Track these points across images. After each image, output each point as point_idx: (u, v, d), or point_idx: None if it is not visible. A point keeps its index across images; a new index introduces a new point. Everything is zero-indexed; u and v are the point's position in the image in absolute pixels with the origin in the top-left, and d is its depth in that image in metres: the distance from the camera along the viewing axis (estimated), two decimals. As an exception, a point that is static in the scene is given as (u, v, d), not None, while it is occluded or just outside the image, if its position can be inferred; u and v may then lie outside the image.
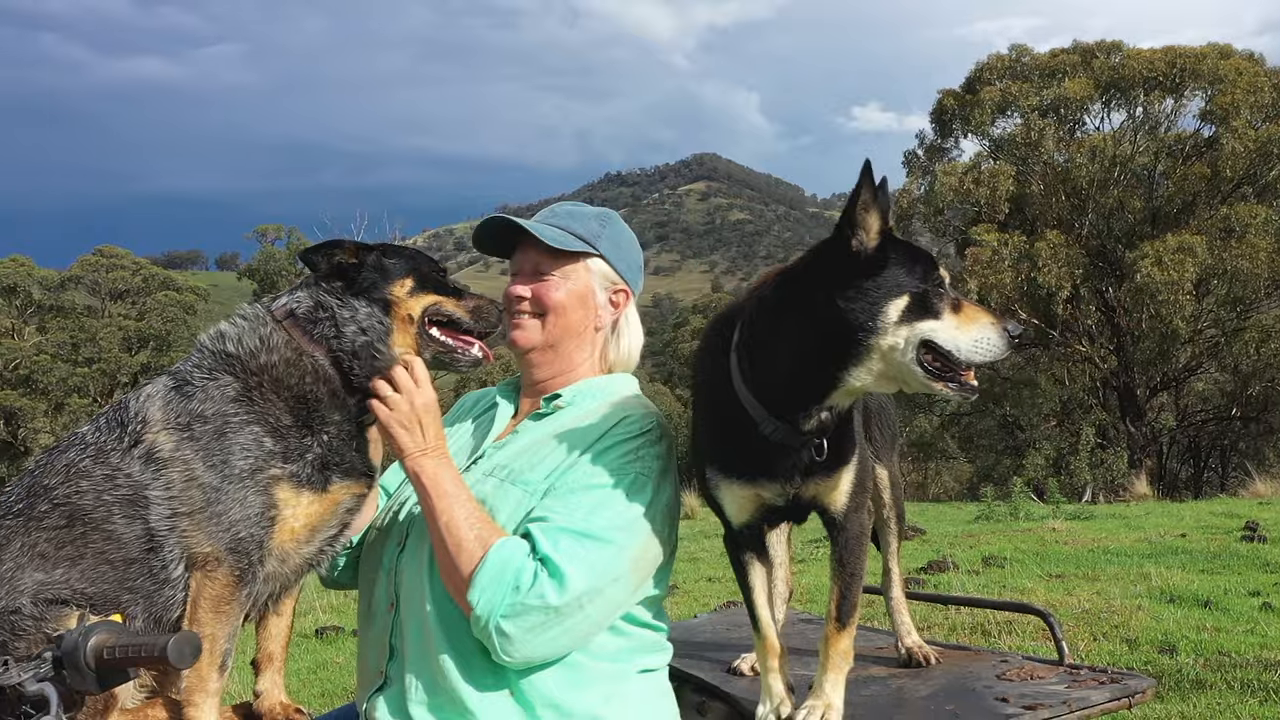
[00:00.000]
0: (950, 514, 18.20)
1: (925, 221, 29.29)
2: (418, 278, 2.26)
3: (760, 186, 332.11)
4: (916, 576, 9.99)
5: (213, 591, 1.99)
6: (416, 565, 2.24)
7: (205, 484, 1.99)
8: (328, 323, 2.17)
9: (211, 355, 2.14)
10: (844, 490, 2.25)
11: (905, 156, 30.98)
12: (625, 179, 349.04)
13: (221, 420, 2.04)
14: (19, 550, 1.95)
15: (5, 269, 46.68)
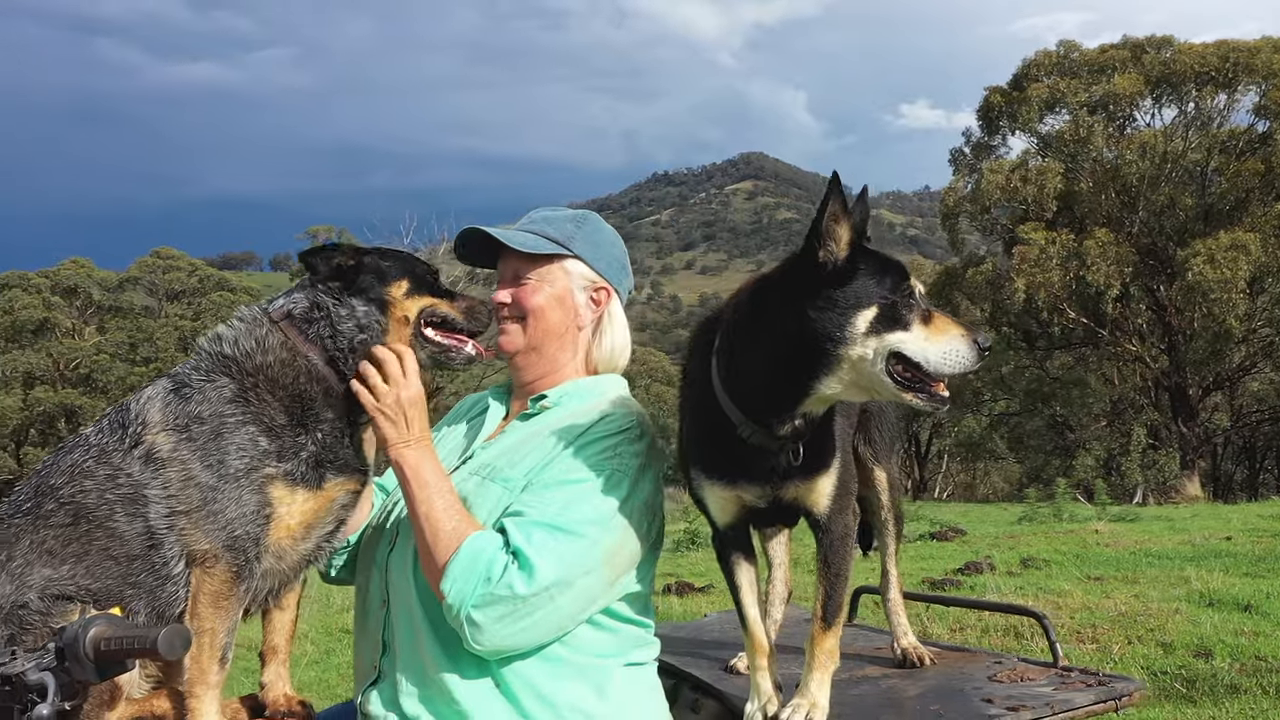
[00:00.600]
0: (994, 515, 18.05)
1: (972, 220, 29.05)
2: (413, 279, 2.32)
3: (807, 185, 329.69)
4: (953, 578, 9.95)
5: (211, 587, 2.06)
6: (403, 561, 2.31)
7: (202, 483, 2.06)
8: (323, 322, 2.23)
9: (209, 357, 2.20)
10: (825, 493, 2.27)
11: (952, 154, 30.74)
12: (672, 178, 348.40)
13: (218, 421, 2.10)
14: (27, 547, 2.03)
15: (66, 271, 47.79)
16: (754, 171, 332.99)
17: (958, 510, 20.76)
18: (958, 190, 29.31)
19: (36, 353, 44.68)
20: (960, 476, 40.91)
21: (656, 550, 2.44)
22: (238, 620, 2.14)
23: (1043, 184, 25.72)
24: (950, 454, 40.12)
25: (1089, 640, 7.37)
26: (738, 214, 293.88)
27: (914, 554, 12.37)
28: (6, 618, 1.97)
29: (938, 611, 8.22)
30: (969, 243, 31.74)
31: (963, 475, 40.78)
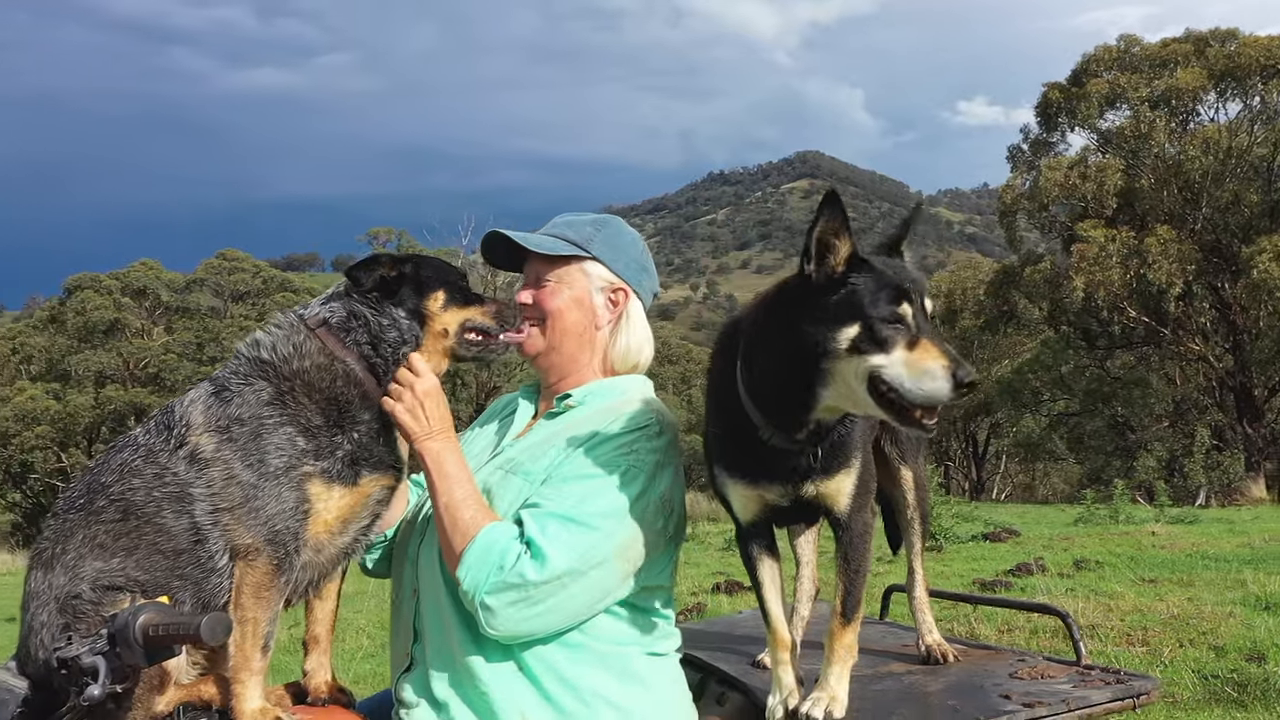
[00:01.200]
0: (1050, 516, 17.83)
1: (1030, 218, 28.66)
2: (448, 290, 2.43)
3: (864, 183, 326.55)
4: (1003, 579, 9.90)
5: (253, 579, 2.17)
6: (432, 553, 2.41)
7: (243, 482, 2.17)
8: (361, 330, 2.34)
9: (247, 362, 2.31)
10: (845, 493, 2.32)
11: (1010, 151, 30.33)
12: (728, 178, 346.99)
13: (257, 423, 2.21)
14: (81, 541, 2.16)
15: (136, 272, 48.93)
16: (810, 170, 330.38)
17: (1014, 511, 20.51)
18: (1015, 188, 28.93)
19: (107, 352, 45.78)
20: (1019, 477, 40.33)
21: (676, 544, 2.52)
22: (279, 610, 2.25)
23: (1102, 181, 25.30)
24: (1008, 454, 39.60)
25: (1139, 643, 7.31)
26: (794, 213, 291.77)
27: (966, 555, 12.30)
28: (62, 607, 2.10)
29: (986, 613, 8.20)
30: (1027, 241, 31.33)
31: (1021, 476, 40.19)
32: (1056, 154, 28.83)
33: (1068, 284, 25.80)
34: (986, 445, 40.13)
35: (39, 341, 47.60)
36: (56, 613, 2.11)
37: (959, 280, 38.97)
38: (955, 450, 41.43)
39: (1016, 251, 31.33)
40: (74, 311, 46.80)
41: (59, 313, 48.36)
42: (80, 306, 46.58)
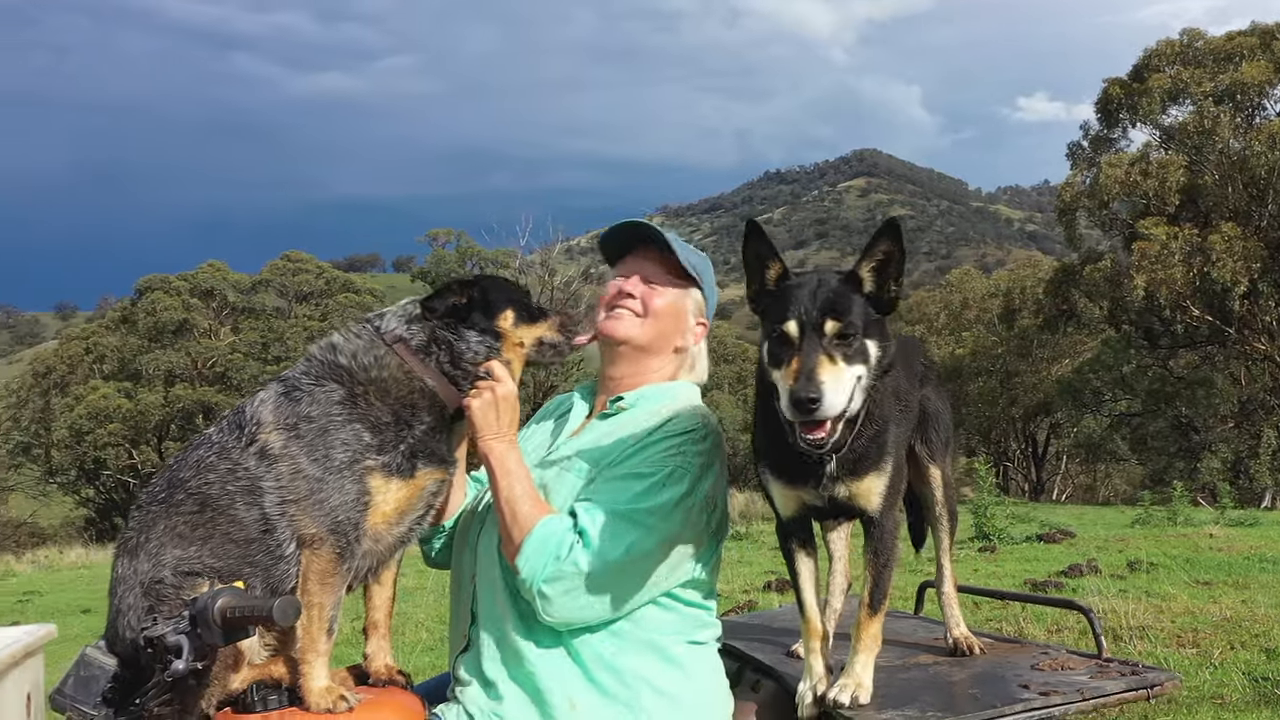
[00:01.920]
0: (1109, 518, 17.64)
1: (1090, 215, 28.26)
2: (516, 309, 2.64)
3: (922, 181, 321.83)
4: (1055, 579, 9.89)
5: (319, 567, 2.35)
6: (490, 542, 2.60)
7: (309, 476, 2.35)
8: (444, 351, 2.55)
9: (320, 364, 2.49)
10: (877, 492, 2.45)
11: (1069, 148, 29.96)
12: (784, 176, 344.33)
13: (325, 419, 2.39)
14: (162, 531, 2.34)
15: (204, 274, 50.05)
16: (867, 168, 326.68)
17: (1072, 512, 20.31)
18: (1074, 185, 28.57)
19: (176, 352, 46.86)
20: (1080, 478, 39.76)
21: (718, 540, 2.68)
22: (342, 596, 2.42)
23: (1164, 177, 24.93)
24: (1069, 455, 39.07)
25: (1189, 644, 7.29)
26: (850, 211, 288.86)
27: (1019, 555, 12.27)
28: (146, 590, 2.28)
29: (1036, 613, 8.23)
30: (1087, 239, 30.91)
31: (1082, 477, 39.64)
32: (1117, 150, 28.43)
33: (1129, 282, 25.45)
34: (1046, 446, 39.63)
35: (111, 341, 48.83)
36: (141, 596, 2.29)
37: (1018, 279, 38.56)
38: (1014, 451, 40.96)
39: (1076, 250, 30.93)
40: (145, 312, 47.96)
41: (130, 313, 49.59)
42: (151, 307, 47.72)
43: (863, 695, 2.50)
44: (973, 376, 39.15)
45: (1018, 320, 36.21)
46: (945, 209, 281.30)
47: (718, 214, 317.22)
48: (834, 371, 2.16)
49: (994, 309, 39.42)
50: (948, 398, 3.27)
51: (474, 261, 56.95)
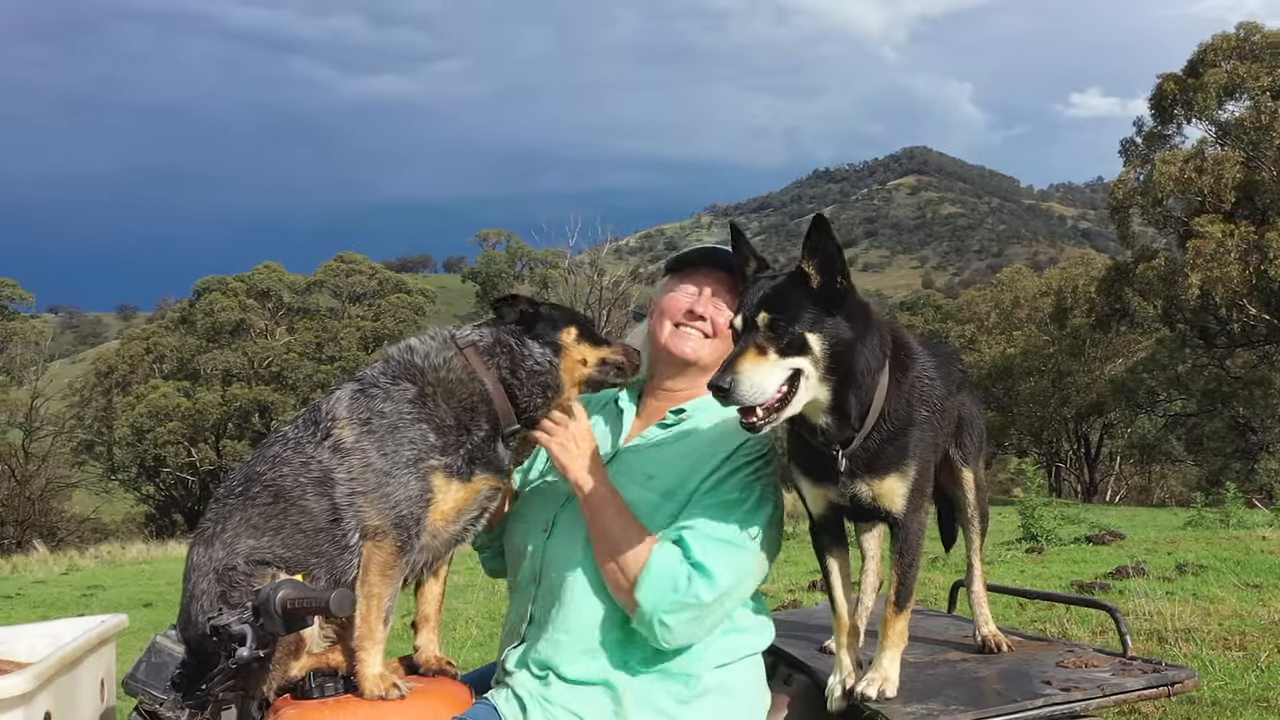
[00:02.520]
0: (1161, 520, 17.44)
1: (1143, 213, 27.84)
2: (579, 327, 2.76)
3: (973, 179, 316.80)
4: (1102, 581, 9.83)
5: (380, 558, 2.48)
6: (564, 548, 2.69)
7: (378, 469, 2.49)
8: (504, 356, 2.67)
9: (398, 364, 2.64)
10: (899, 493, 2.52)
11: (1122, 145, 29.57)
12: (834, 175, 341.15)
13: (397, 417, 2.54)
14: (237, 522, 2.49)
15: (260, 275, 50.92)
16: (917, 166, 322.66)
17: (1124, 514, 20.10)
18: (1127, 182, 28.20)
19: (233, 352, 47.76)
20: (1134, 479, 39.18)
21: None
22: (399, 587, 2.55)
23: (1220, 174, 24.53)
24: (1123, 456, 38.51)
25: (1236, 647, 7.24)
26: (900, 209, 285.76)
27: (1066, 557, 12.20)
28: (219, 577, 2.43)
29: (1080, 615, 8.21)
30: (1141, 237, 30.46)
31: (1137, 478, 39.05)
32: (1171, 147, 28.02)
33: (1183, 281, 25.06)
34: (1099, 446, 39.07)
35: (170, 341, 49.86)
36: (215, 582, 2.44)
37: (1069, 277, 38.04)
38: (1066, 451, 40.43)
39: (1130, 247, 30.48)
40: (203, 313, 48.92)
41: (189, 314, 50.62)
42: (209, 308, 48.65)
43: (889, 689, 2.57)
44: (1024, 376, 38.73)
45: (1070, 319, 35.72)
46: (996, 206, 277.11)
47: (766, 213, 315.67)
48: (759, 363, 2.26)
49: (1045, 308, 38.90)
50: (980, 403, 3.33)
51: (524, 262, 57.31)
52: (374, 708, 2.43)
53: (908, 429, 2.52)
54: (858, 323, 2.37)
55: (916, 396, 2.53)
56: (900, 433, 2.51)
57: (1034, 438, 40.55)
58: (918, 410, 2.54)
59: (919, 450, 2.57)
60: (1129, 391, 31.27)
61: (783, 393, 2.29)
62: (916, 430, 2.55)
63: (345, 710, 2.43)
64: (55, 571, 24.20)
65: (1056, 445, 40.89)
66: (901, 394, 2.49)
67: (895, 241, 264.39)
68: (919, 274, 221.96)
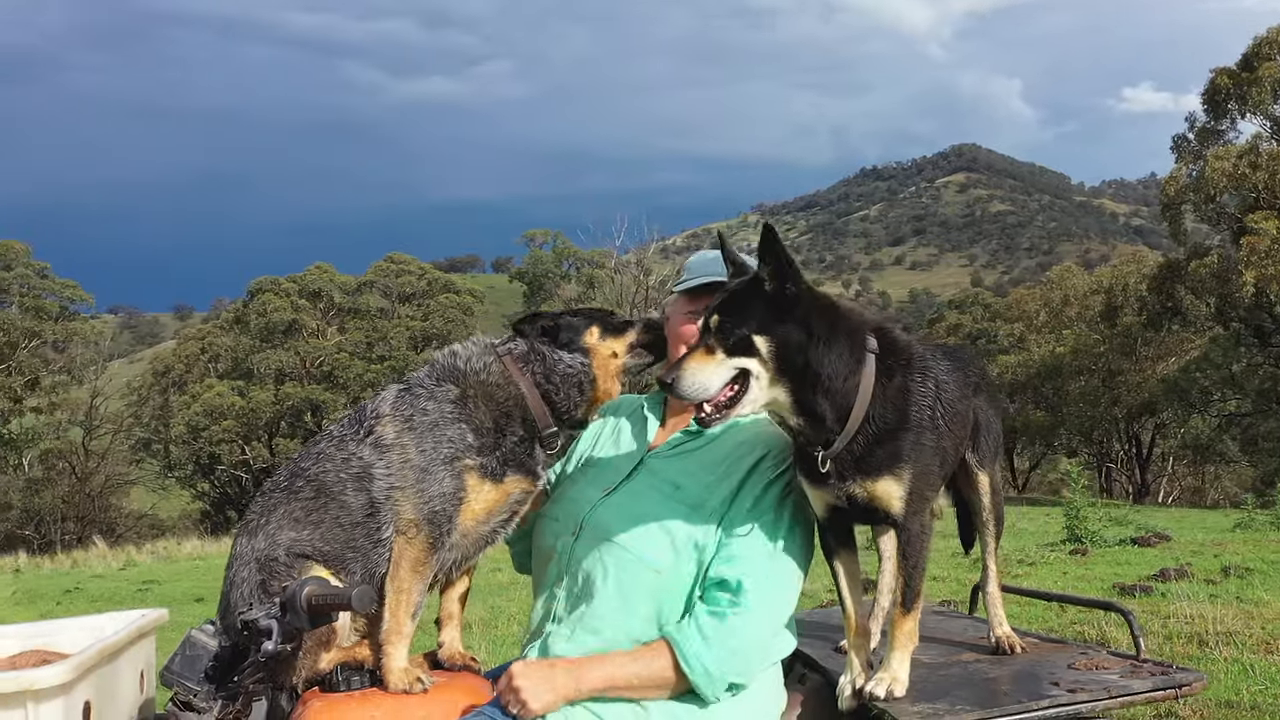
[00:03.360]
0: (1211, 521, 17.16)
1: (1195, 210, 27.35)
2: (601, 325, 2.86)
3: (1023, 176, 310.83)
4: (1145, 584, 9.75)
5: (411, 554, 2.57)
6: (596, 554, 2.72)
7: (416, 465, 2.58)
8: (539, 364, 2.77)
9: (442, 368, 2.75)
10: (896, 496, 2.55)
11: (1174, 141, 29.04)
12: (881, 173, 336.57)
13: (439, 415, 2.64)
14: (281, 515, 2.60)
15: (312, 276, 51.60)
16: (966, 163, 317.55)
17: (1174, 515, 19.79)
18: (1179, 179, 27.70)
19: (286, 351, 48.45)
20: (1187, 480, 38.49)
21: None
22: (428, 585, 2.63)
23: (1275, 170, 24.02)
24: (1175, 456, 37.84)
25: (1278, 652, 7.17)
26: (949, 207, 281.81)
27: (1110, 559, 12.09)
28: (260, 566, 2.54)
29: (1117, 619, 8.15)
30: (1193, 233, 29.92)
31: (1190, 479, 38.35)
32: (1225, 143, 27.49)
33: (1237, 278, 24.55)
34: (1151, 447, 38.40)
35: (225, 341, 50.71)
36: (255, 571, 2.55)
37: (1120, 275, 37.40)
38: (1118, 452, 39.80)
39: (1181, 245, 29.95)
40: (256, 313, 49.67)
41: (243, 314, 51.42)
42: (262, 308, 49.38)
43: (897, 689, 2.61)
44: (1074, 375, 38.15)
45: (1120, 318, 35.15)
46: (1047, 204, 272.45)
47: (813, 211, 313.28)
48: (705, 362, 2.38)
49: (1095, 306, 38.27)
50: (999, 408, 3.35)
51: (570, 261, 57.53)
52: (396, 700, 2.51)
53: (899, 432, 2.55)
54: (818, 325, 2.42)
55: (913, 400, 2.56)
56: (891, 436, 2.54)
57: (1084, 438, 39.93)
58: (913, 413, 2.56)
59: (915, 454, 2.59)
60: (1181, 391, 30.72)
61: (733, 391, 2.40)
62: (911, 434, 2.57)
63: (369, 703, 2.51)
64: (113, 566, 24.80)
65: (1107, 445, 40.23)
66: (889, 397, 2.52)
67: (944, 239, 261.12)
68: (968, 272, 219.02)
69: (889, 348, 2.57)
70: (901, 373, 2.56)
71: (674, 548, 2.68)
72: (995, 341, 44.70)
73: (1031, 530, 16.25)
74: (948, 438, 2.74)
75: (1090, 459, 40.27)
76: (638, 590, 2.67)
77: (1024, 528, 16.47)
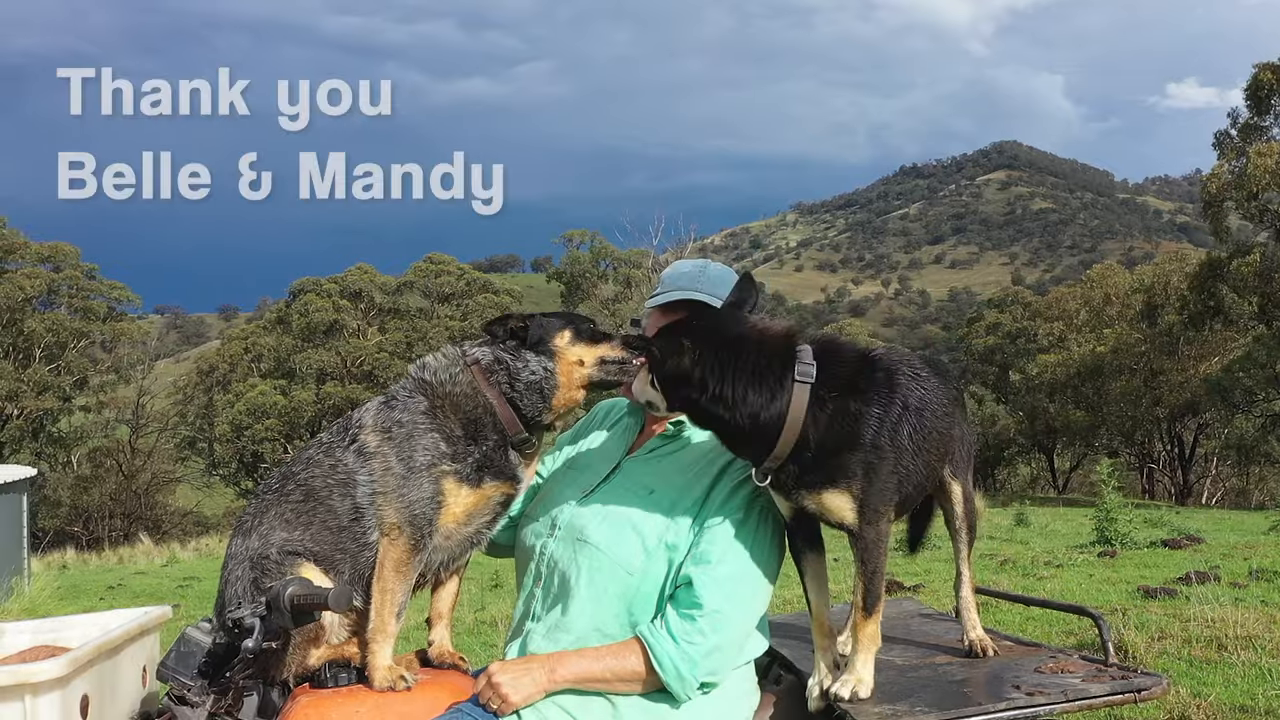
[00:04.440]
0: (1249, 523, 16.95)
1: (1238, 207, 26.92)
2: (573, 330, 2.90)
3: (1065, 173, 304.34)
4: (1170, 586, 9.68)
5: (395, 556, 2.68)
6: (571, 554, 2.82)
7: (396, 472, 2.70)
8: (502, 372, 2.84)
9: (414, 381, 2.85)
10: (846, 509, 2.64)
11: (1216, 137, 28.59)
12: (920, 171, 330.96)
13: (412, 426, 2.75)
14: (273, 516, 2.72)
15: (353, 276, 52.02)
16: (1007, 161, 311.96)
17: (1213, 517, 19.52)
18: (1220, 176, 27.27)
19: (327, 351, 48.90)
20: (1231, 481, 37.88)
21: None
22: (412, 584, 2.74)
23: (1318, 167, 23.57)
24: (1219, 457, 37.25)
25: (1297, 657, 7.11)
26: (989, 205, 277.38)
27: (1138, 561, 12.00)
28: (253, 564, 2.66)
29: (1138, 622, 8.13)
30: (1237, 231, 29.43)
31: (1234, 480, 37.74)
32: (1269, 139, 26.98)
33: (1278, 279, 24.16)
34: (1194, 447, 37.84)
35: (268, 341, 51.25)
36: (249, 569, 2.67)
37: (1162, 273, 36.89)
38: (1159, 453, 39.27)
39: (1223, 242, 29.46)
40: (298, 313, 50.16)
41: (285, 314, 51.94)
42: (304, 309, 49.85)
43: (862, 690, 2.70)
44: (1114, 375, 37.67)
45: (1161, 317, 34.68)
46: (1089, 201, 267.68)
47: (852, 210, 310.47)
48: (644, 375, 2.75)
49: (1136, 305, 37.77)
50: (968, 419, 3.38)
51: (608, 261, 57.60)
52: (381, 697, 2.61)
53: (845, 453, 2.63)
54: (709, 369, 2.61)
55: (863, 422, 2.63)
56: (835, 454, 2.63)
57: (1125, 438, 39.45)
58: (865, 435, 2.63)
59: (865, 471, 2.65)
60: (1224, 391, 30.24)
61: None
62: (860, 454, 2.64)
63: (354, 699, 2.61)
64: (157, 563, 25.23)
65: (1149, 446, 39.71)
66: (829, 421, 2.60)
67: (984, 237, 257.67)
68: (1009, 270, 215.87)
69: (831, 371, 2.64)
70: (845, 396, 2.63)
71: (645, 549, 2.76)
72: (1035, 340, 44.19)
73: (1064, 532, 16.15)
74: (917, 456, 2.77)
75: (1132, 460, 39.74)
76: (610, 590, 2.75)
77: (1056, 529, 16.38)
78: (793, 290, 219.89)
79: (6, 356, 44.24)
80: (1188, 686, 6.34)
